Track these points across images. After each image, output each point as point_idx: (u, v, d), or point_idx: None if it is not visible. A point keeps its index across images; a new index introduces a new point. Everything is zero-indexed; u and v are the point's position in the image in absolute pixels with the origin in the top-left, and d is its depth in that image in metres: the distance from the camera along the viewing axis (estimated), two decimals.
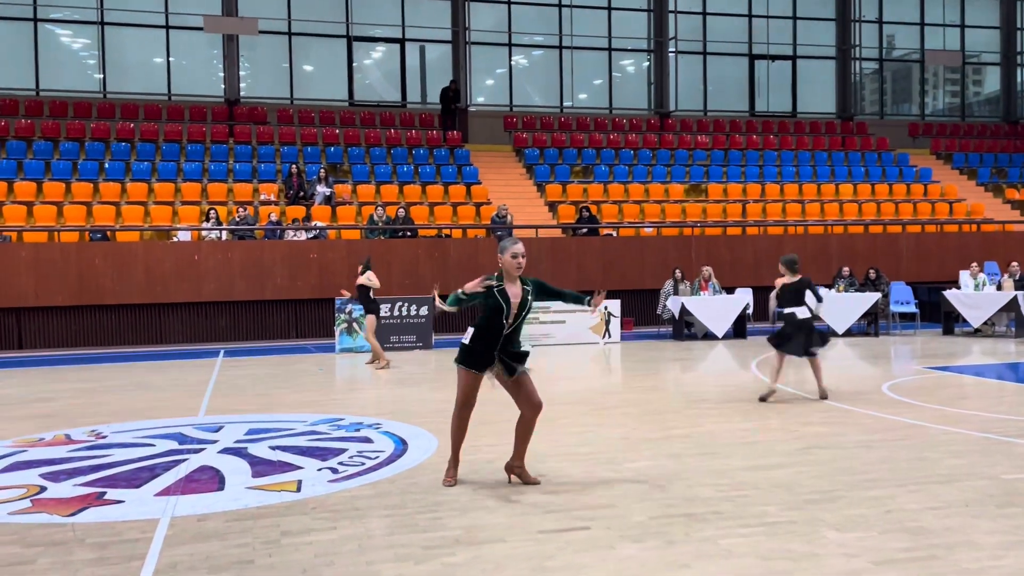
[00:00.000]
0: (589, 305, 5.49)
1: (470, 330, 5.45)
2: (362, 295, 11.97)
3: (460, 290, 5.38)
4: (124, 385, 10.57)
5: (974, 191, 23.42)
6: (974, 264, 15.97)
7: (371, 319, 11.87)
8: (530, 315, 14.73)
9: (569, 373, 11.67)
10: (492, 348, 5.39)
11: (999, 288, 15.11)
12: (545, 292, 5.54)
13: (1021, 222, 20.85)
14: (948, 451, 6.40)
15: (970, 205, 21.79)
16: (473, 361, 5.43)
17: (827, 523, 4.74)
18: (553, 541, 4.48)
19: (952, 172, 24.40)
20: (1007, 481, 5.54)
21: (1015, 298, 14.65)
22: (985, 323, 15.32)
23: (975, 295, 15.20)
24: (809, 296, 8.89)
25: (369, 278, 11.85)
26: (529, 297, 5.41)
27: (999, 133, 27.14)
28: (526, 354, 5.48)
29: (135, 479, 5.83)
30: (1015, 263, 15.46)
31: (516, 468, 5.63)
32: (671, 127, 24.50)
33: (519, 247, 5.42)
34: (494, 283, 5.35)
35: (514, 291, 5.42)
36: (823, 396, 8.67)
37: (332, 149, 20.61)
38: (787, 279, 8.81)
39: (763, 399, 8.61)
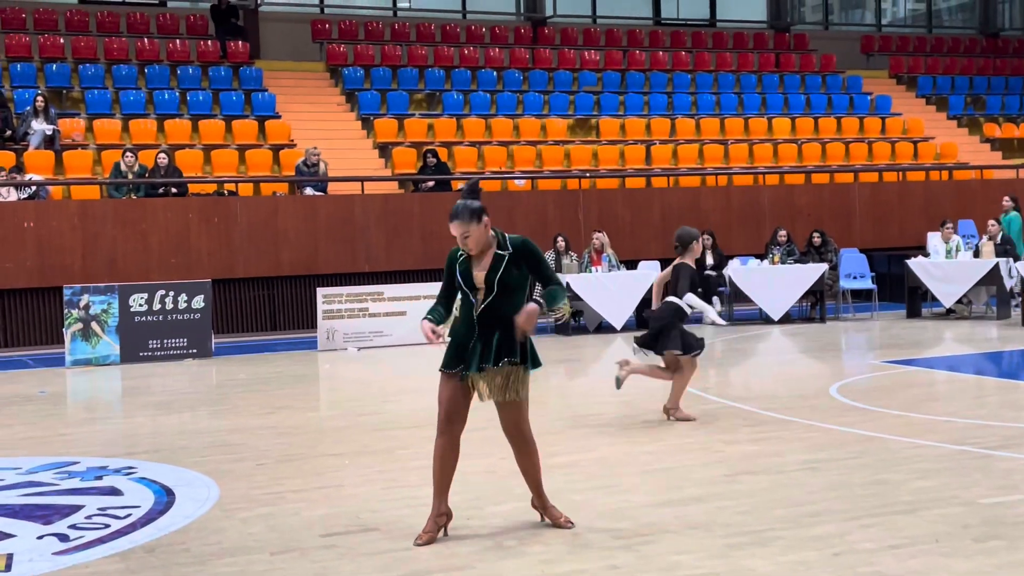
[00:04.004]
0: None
1: None
2: None
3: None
4: None
5: (944, 126, 24.93)
6: (947, 223, 16.95)
7: None
8: (376, 304, 14.69)
9: (411, 384, 11.65)
10: (468, 337, 5.50)
11: (976, 254, 16.09)
12: (528, 259, 5.51)
13: (1003, 167, 22.34)
14: (914, 471, 6.78)
15: (939, 145, 23.18)
16: (445, 357, 5.56)
17: (758, 573, 4.93)
18: None
19: (916, 101, 25.87)
20: (987, 507, 5.92)
21: (996, 267, 15.62)
22: (960, 301, 16.31)
23: (947, 264, 16.14)
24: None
25: None
26: (504, 264, 5.43)
27: (974, 49, 28.94)
28: (513, 347, 5.47)
29: None
30: (993, 221, 16.49)
31: (536, 505, 5.82)
32: (548, 39, 24.79)
33: (453, 228, 5.48)
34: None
35: (481, 266, 5.50)
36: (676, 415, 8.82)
37: (55, 66, 19.72)
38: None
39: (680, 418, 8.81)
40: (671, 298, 8.72)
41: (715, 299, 16.53)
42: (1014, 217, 17.36)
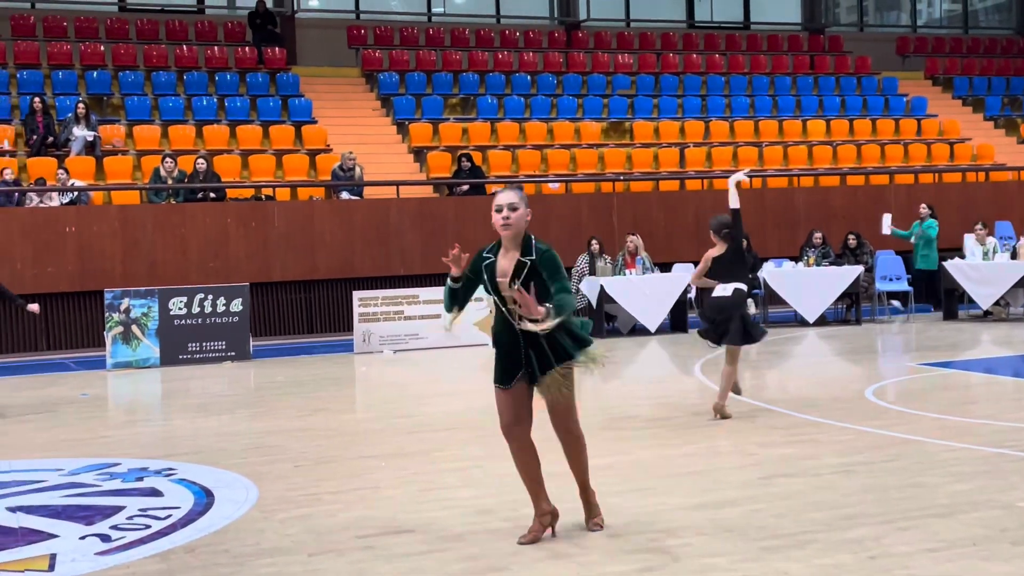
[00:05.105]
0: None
1: None
2: None
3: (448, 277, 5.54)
4: None
5: (981, 127, 24.69)
6: (981, 225, 16.81)
7: None
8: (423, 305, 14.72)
9: (447, 387, 11.69)
10: (515, 347, 5.45)
11: (1014, 256, 15.96)
12: (547, 267, 5.35)
13: None
14: (950, 474, 6.73)
15: (976, 146, 22.95)
16: (496, 371, 5.53)
17: None
18: None
19: (953, 102, 25.63)
20: None
21: None
22: (997, 303, 16.18)
23: (983, 266, 16.02)
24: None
25: None
26: (526, 271, 5.33)
27: (1011, 50, 28.63)
28: (563, 349, 5.41)
29: None
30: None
31: (583, 502, 5.82)
32: (582, 43, 24.77)
33: (502, 196, 5.42)
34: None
35: (504, 263, 5.43)
36: (721, 413, 8.78)
37: (96, 74, 19.93)
38: (716, 250, 8.99)
39: (723, 416, 8.77)
40: (738, 285, 8.72)
41: (749, 301, 16.44)
42: (933, 223, 17.14)
